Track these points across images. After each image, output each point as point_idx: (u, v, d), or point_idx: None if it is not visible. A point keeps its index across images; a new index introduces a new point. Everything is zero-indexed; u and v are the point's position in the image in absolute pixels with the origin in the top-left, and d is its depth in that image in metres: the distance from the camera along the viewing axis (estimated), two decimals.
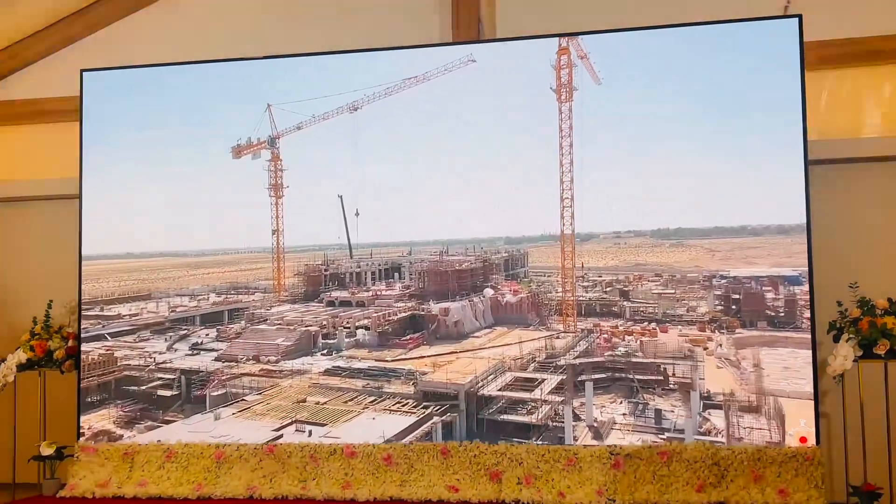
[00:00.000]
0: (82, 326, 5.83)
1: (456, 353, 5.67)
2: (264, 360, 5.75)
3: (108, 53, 6.26)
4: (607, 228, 5.58)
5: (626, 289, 5.74)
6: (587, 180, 5.36)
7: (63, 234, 6.07)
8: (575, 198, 5.40)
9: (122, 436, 5.69)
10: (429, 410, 5.45)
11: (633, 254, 5.73)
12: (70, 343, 5.80)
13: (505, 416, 5.38)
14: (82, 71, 5.84)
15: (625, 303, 5.69)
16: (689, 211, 5.31)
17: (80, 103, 5.81)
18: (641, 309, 5.54)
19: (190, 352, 5.94)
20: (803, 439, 4.81)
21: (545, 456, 5.15)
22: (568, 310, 5.59)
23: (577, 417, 5.29)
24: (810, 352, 4.92)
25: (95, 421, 5.76)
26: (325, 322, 5.89)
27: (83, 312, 5.83)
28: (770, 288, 5.24)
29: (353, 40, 5.75)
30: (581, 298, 5.61)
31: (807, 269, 4.94)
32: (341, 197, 5.48)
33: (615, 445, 5.07)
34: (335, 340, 5.88)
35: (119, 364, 5.87)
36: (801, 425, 4.90)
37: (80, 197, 5.80)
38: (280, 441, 5.44)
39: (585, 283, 5.67)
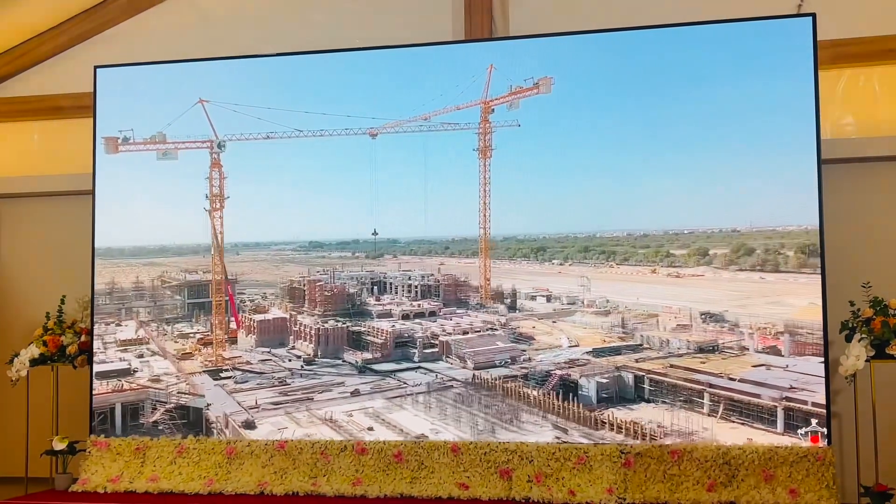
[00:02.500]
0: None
1: None
2: None
3: (123, 50, 6.40)
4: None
5: None
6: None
7: (76, 230, 6.20)
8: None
9: None
10: None
11: None
12: (83, 338, 5.93)
13: None
14: (96, 67, 5.98)
15: None
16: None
17: (94, 99, 5.95)
18: None
19: None
20: (815, 439, 4.89)
21: (555, 454, 5.24)
22: None
23: None
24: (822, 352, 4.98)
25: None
26: None
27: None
28: None
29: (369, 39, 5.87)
30: None
31: (819, 268, 5.01)
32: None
33: (625, 444, 5.15)
34: None
35: None
36: (812, 425, 4.94)
37: (93, 192, 5.93)
38: (291, 437, 5.54)
39: None
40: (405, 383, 7.10)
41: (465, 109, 5.83)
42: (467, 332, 7.79)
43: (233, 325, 6.18)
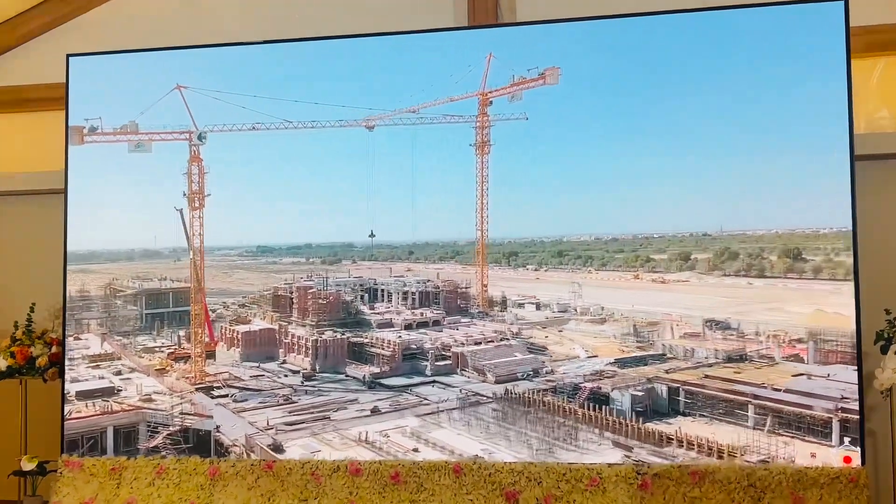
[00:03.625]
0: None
1: None
2: None
3: (97, 37, 6.08)
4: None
5: None
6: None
7: (47, 232, 5.87)
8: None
9: None
10: None
11: None
12: (54, 349, 5.64)
13: None
14: (69, 56, 5.64)
15: None
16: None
17: (67, 90, 5.61)
18: None
19: None
20: (847, 459, 4.65)
21: (566, 475, 5.02)
22: None
23: None
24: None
25: None
26: None
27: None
28: None
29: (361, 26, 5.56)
30: None
31: (852, 273, 4.76)
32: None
33: (642, 464, 4.93)
34: None
35: None
36: (845, 444, 4.64)
37: (65, 191, 5.60)
38: (280, 457, 5.30)
39: None
40: (426, 399, 6.89)
41: (459, 102, 5.55)
42: (479, 343, 7.54)
43: (206, 339, 5.84)
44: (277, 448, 5.63)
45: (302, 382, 8.37)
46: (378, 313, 7.33)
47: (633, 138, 5.13)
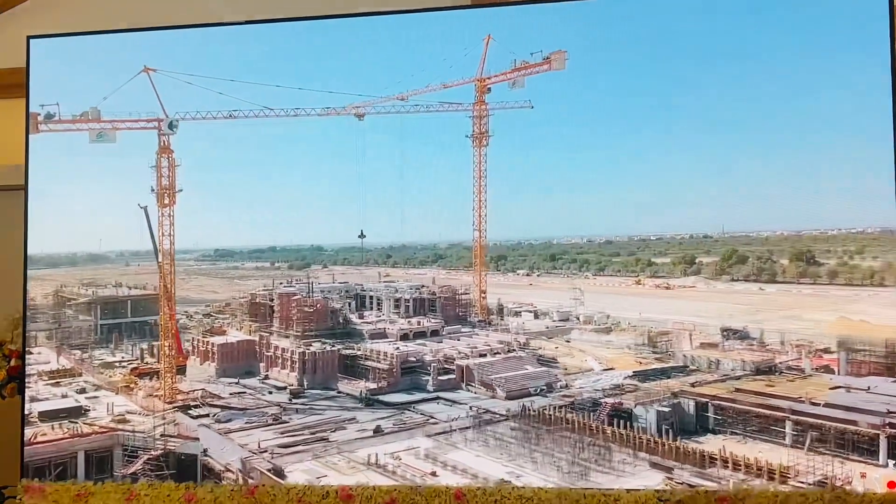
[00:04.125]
0: None
1: None
2: None
3: (59, 18, 5.63)
4: None
5: None
6: None
7: (5, 232, 5.41)
8: None
9: None
10: None
11: None
12: (13, 362, 5.22)
13: None
14: (29, 37, 5.20)
15: None
16: None
17: (27, 76, 5.15)
18: None
19: None
20: (892, 484, 4.41)
21: (580, 502, 4.61)
22: None
23: None
24: None
25: None
26: None
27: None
28: None
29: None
30: None
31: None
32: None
33: (664, 490, 4.54)
34: None
35: None
36: (889, 467, 4.45)
37: (25, 187, 5.14)
38: (263, 483, 4.86)
39: None
40: (433, 417, 6.46)
41: (454, 88, 5.14)
42: (484, 355, 7.11)
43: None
44: (279, 473, 5.18)
45: (290, 400, 7.88)
46: (368, 322, 6.90)
47: (631, 137, 4.74)
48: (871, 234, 5.61)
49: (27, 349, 5.23)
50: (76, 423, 5.25)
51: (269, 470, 5.14)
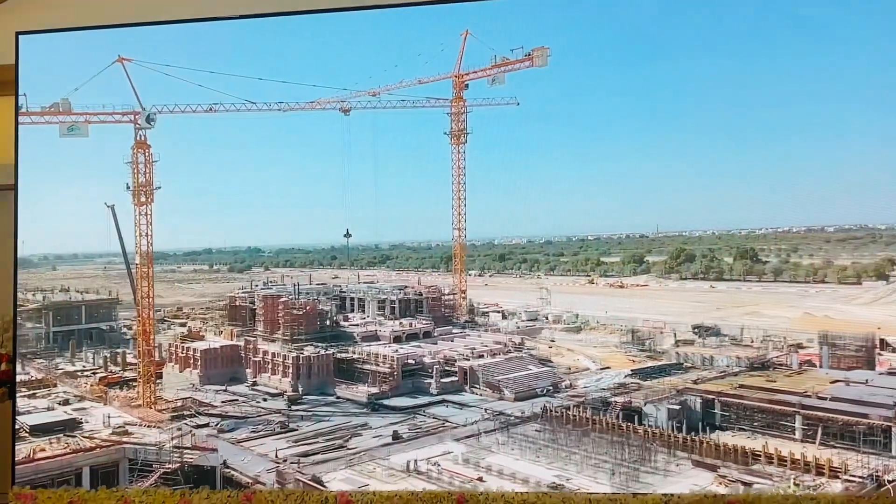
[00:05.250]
0: None
1: None
2: None
3: (40, 15, 5.53)
4: None
5: None
6: None
7: None
8: None
9: None
10: None
11: None
12: (3, 367, 5.11)
13: None
14: (18, 33, 5.12)
15: None
16: None
17: (17, 73, 5.08)
18: None
19: None
20: None
21: None
22: None
23: None
24: None
25: None
26: None
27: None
28: None
29: None
30: None
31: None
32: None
33: (671, 494, 4.49)
34: None
35: None
36: None
37: (15, 186, 5.06)
38: (260, 488, 4.78)
39: None
40: (447, 421, 6.42)
41: (430, 84, 5.09)
42: (483, 356, 7.11)
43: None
44: (318, 483, 5.09)
45: (289, 407, 7.79)
46: (356, 325, 6.87)
47: (578, 140, 4.74)
48: (798, 233, 5.68)
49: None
50: (73, 436, 5.13)
51: (309, 480, 5.00)
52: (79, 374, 5.29)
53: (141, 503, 4.85)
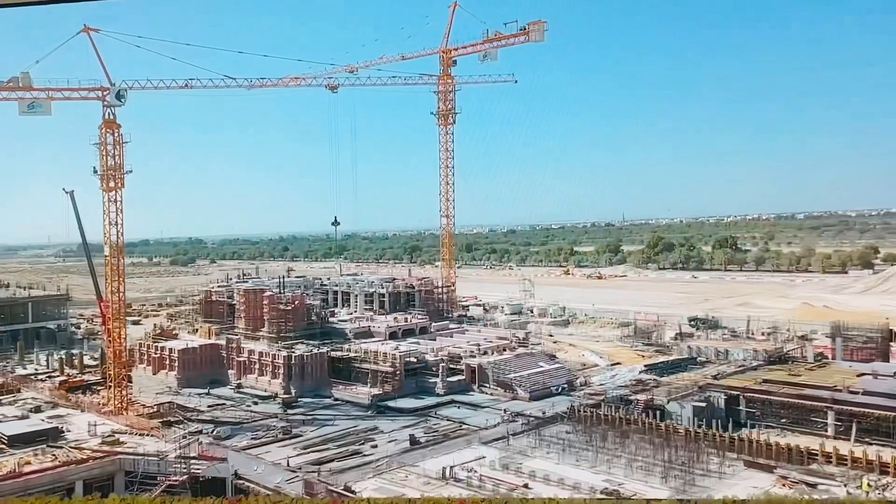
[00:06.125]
0: None
1: None
2: None
3: None
4: None
5: None
6: None
7: None
8: None
9: None
10: None
11: None
12: None
13: None
14: None
15: None
16: None
17: None
18: None
19: None
20: None
21: None
22: None
23: None
24: None
25: None
26: None
27: None
28: None
29: None
30: None
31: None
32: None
33: (687, 500, 3.95)
34: None
35: None
36: None
37: None
38: (248, 497, 4.24)
39: None
40: (464, 423, 5.92)
41: (413, 60, 4.54)
42: (488, 353, 6.69)
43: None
44: (349, 490, 4.53)
45: (285, 410, 7.20)
46: (344, 320, 6.42)
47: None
48: (768, 220, 5.22)
49: None
50: (58, 446, 4.55)
51: (341, 490, 4.45)
52: (31, 377, 4.73)
53: None
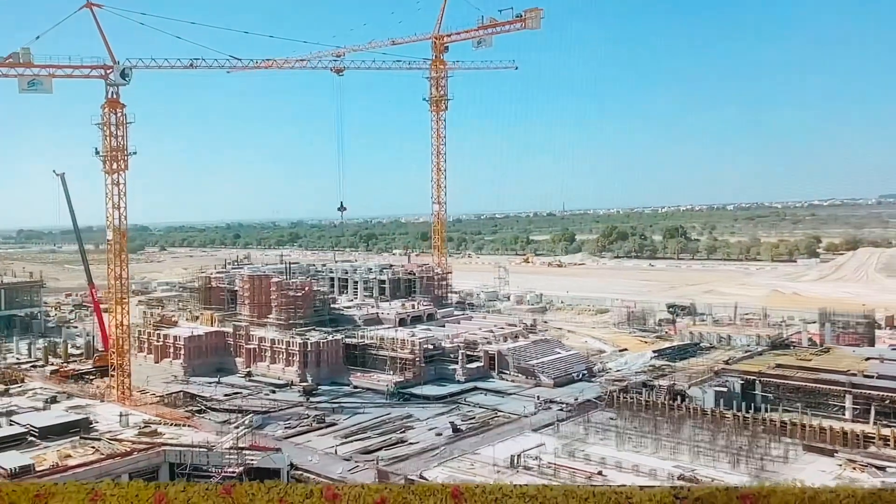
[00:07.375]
0: None
1: None
2: None
3: None
4: None
5: None
6: None
7: None
8: None
9: None
10: None
11: None
12: None
13: None
14: None
15: None
16: None
17: None
18: None
19: None
20: None
21: (589, 500, 4.18)
22: None
23: None
24: None
25: None
26: None
27: None
28: None
29: None
30: None
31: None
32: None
33: (680, 487, 4.19)
34: None
35: None
36: None
37: None
38: (244, 481, 4.46)
39: None
40: (498, 410, 5.94)
41: (404, 45, 4.60)
42: (506, 339, 6.83)
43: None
44: (423, 479, 4.68)
45: (307, 399, 7.29)
46: (348, 307, 6.54)
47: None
48: (701, 210, 5.27)
49: None
50: (96, 439, 4.70)
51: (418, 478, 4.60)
52: (16, 367, 4.86)
53: (113, 495, 4.56)
